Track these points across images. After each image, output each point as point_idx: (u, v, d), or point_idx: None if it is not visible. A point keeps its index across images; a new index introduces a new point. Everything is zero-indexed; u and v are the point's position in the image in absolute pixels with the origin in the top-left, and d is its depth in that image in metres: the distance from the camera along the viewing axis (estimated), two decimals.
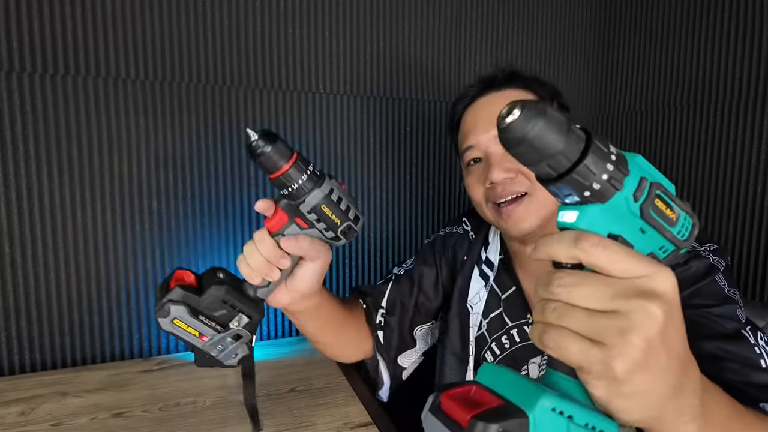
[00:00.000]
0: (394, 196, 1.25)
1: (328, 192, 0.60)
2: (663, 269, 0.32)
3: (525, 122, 0.30)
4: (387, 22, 1.20)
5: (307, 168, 0.59)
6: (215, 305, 0.61)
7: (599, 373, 0.31)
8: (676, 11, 1.21)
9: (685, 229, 0.34)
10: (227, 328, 0.62)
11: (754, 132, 1.06)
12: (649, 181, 0.33)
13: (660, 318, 0.30)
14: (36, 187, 0.95)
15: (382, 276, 1.26)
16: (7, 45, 0.91)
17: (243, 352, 0.65)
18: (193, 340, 0.61)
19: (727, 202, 1.11)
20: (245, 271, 0.62)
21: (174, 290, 0.60)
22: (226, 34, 1.06)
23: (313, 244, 0.63)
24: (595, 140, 0.32)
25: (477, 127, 0.77)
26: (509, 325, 0.80)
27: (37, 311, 0.97)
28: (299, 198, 0.60)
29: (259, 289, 0.64)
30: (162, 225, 1.05)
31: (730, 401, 0.42)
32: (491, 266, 0.84)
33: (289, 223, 0.62)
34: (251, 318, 0.63)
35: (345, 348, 0.87)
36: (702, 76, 1.16)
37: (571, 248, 0.32)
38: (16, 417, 0.78)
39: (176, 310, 0.59)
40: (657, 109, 1.27)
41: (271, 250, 0.61)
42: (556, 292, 0.32)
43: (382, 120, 1.22)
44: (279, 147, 0.57)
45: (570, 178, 0.32)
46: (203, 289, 0.62)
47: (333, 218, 0.61)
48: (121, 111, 1.00)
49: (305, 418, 0.78)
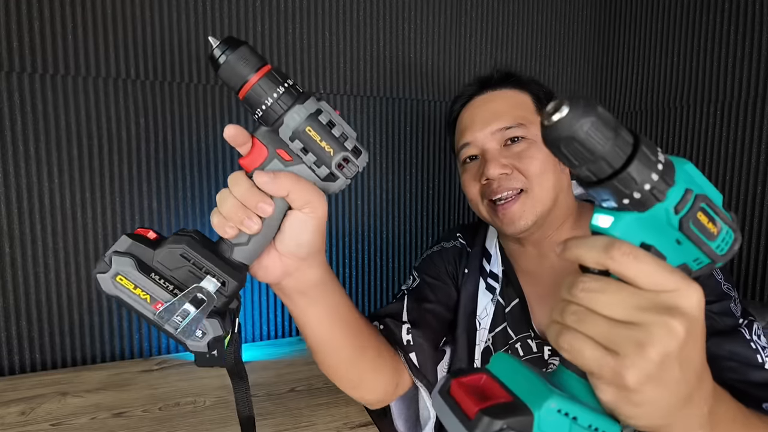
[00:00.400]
0: (394, 196, 1.25)
1: (314, 111, 0.47)
2: (691, 285, 0.31)
3: (573, 120, 0.28)
4: (387, 22, 1.20)
5: (285, 81, 0.46)
6: (173, 261, 0.46)
7: (610, 380, 0.31)
8: (676, 11, 1.21)
9: (725, 243, 0.33)
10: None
11: (754, 132, 1.06)
12: (695, 193, 0.31)
13: (681, 335, 0.30)
14: (36, 187, 0.95)
15: (382, 276, 1.26)
16: (7, 45, 0.91)
17: (215, 331, 0.47)
18: (142, 307, 0.46)
19: (727, 202, 1.11)
20: (215, 221, 0.48)
21: (121, 239, 0.46)
22: (226, 34, 1.06)
23: (298, 181, 0.47)
24: (643, 146, 0.30)
25: (473, 124, 0.78)
26: (513, 339, 0.78)
27: (37, 311, 0.97)
28: (275, 120, 0.47)
29: (236, 247, 0.49)
30: (162, 225, 1.05)
31: (737, 406, 0.42)
32: (496, 278, 0.82)
33: (270, 158, 0.48)
34: (225, 283, 0.47)
35: (364, 371, 0.68)
36: (702, 76, 1.16)
37: (601, 255, 0.32)
38: (16, 417, 0.78)
39: (120, 262, 0.44)
40: (657, 109, 1.27)
41: (246, 191, 0.47)
42: (579, 296, 0.32)
43: (382, 120, 1.22)
44: (243, 53, 0.45)
45: (610, 184, 0.30)
46: (162, 243, 0.48)
47: (324, 146, 0.47)
48: (121, 111, 1.00)
49: (305, 418, 0.78)
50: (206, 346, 0.47)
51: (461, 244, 0.88)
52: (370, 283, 1.25)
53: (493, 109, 0.77)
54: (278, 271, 0.53)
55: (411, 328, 0.76)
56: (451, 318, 0.83)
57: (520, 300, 0.80)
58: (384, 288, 1.27)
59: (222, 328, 0.47)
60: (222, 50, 0.45)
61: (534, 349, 0.76)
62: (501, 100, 0.78)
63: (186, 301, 0.45)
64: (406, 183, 1.26)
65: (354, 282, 1.24)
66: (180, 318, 0.45)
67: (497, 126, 0.75)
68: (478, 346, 0.80)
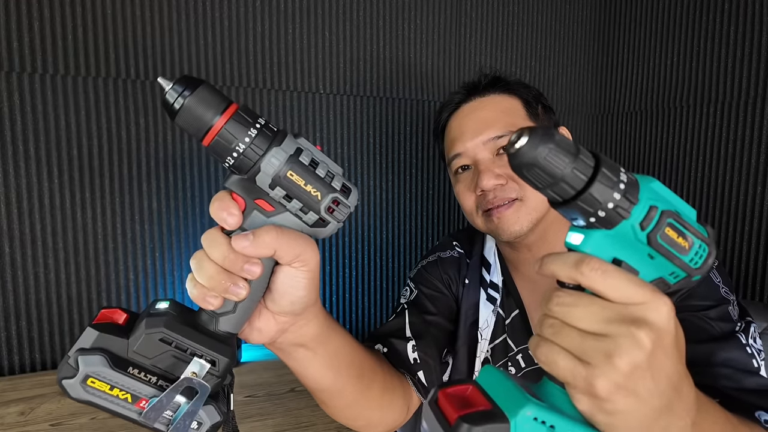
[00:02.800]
0: (394, 196, 1.25)
1: (293, 152, 0.40)
2: (659, 298, 0.32)
3: (533, 148, 0.31)
4: (387, 22, 1.20)
5: (256, 122, 0.40)
6: (153, 348, 0.40)
7: (582, 390, 0.32)
8: (675, 11, 1.21)
9: (698, 257, 0.34)
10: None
11: (753, 132, 1.06)
12: (660, 210, 0.32)
13: (647, 346, 0.31)
14: (36, 187, 0.95)
15: (382, 277, 1.26)
16: (7, 45, 0.91)
17: (211, 419, 0.41)
18: (124, 408, 0.39)
19: (727, 202, 1.11)
20: (195, 293, 0.41)
21: (86, 332, 0.39)
22: (226, 34, 1.06)
23: (282, 235, 0.41)
24: (604, 168, 0.32)
25: (464, 134, 0.76)
26: (514, 350, 0.77)
27: (37, 311, 0.97)
28: (251, 168, 0.40)
29: (221, 317, 0.42)
30: (162, 225, 1.05)
31: (725, 417, 0.42)
32: (496, 288, 0.81)
33: (249, 210, 0.42)
34: (215, 362, 0.41)
35: (371, 408, 0.64)
36: (702, 76, 1.16)
37: (572, 270, 0.33)
38: (16, 417, 0.78)
39: (89, 362, 0.38)
40: (657, 109, 1.27)
41: (227, 254, 0.41)
42: (554, 309, 0.34)
43: (382, 120, 1.22)
44: (203, 94, 0.38)
45: (574, 204, 0.32)
46: (134, 328, 0.41)
47: (309, 190, 0.41)
48: (121, 111, 1.00)
49: (305, 418, 0.78)
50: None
51: (459, 253, 0.86)
52: (370, 284, 1.25)
53: (483, 118, 0.75)
54: (273, 331, 0.48)
55: (416, 345, 0.73)
56: (452, 329, 0.82)
57: (520, 311, 0.79)
58: (383, 288, 1.27)
59: (219, 413, 0.42)
60: (177, 92, 0.38)
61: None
62: (490, 107, 0.76)
63: (176, 393, 0.40)
64: (406, 183, 1.26)
65: (353, 282, 1.24)
66: (171, 412, 0.40)
67: (488, 135, 0.74)
68: (478, 358, 0.78)
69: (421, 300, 0.81)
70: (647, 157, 1.30)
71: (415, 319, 0.78)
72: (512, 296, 0.80)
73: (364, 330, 1.25)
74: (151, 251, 1.04)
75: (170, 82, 0.38)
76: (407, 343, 0.74)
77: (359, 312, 1.25)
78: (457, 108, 0.79)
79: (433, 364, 0.74)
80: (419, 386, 0.71)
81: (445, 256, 0.86)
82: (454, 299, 0.83)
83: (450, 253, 0.86)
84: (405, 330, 0.76)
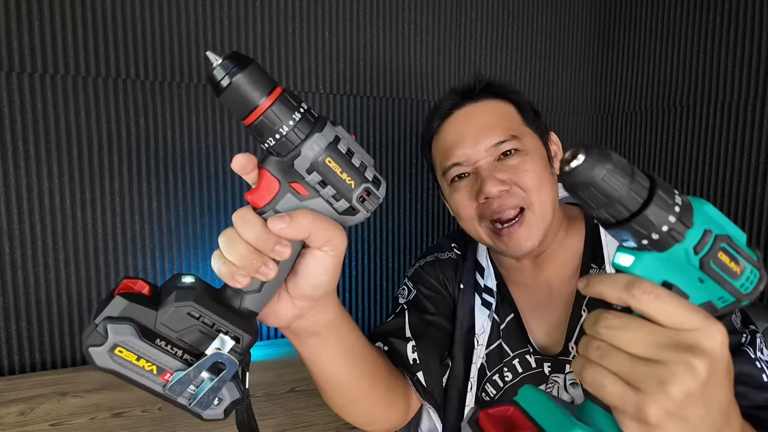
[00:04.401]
0: (393, 196, 1.25)
1: (332, 140, 0.41)
2: (713, 325, 0.32)
3: (590, 167, 0.30)
4: (387, 22, 1.20)
5: (299, 106, 0.40)
6: (180, 322, 0.40)
7: (632, 415, 0.32)
8: (675, 11, 1.21)
9: (749, 282, 0.33)
10: (202, 357, 0.40)
11: (753, 132, 1.06)
12: (714, 234, 0.32)
13: (702, 374, 0.31)
14: (36, 187, 0.95)
15: (382, 276, 1.26)
16: (7, 45, 0.91)
17: (231, 395, 0.42)
18: (148, 380, 0.39)
19: (726, 202, 1.11)
20: (224, 271, 0.41)
21: (115, 300, 0.39)
22: (226, 34, 1.06)
23: (317, 219, 0.42)
24: (659, 190, 0.31)
25: (463, 141, 0.73)
26: (510, 355, 0.76)
27: (37, 311, 0.97)
28: (291, 151, 0.40)
29: (246, 295, 0.43)
30: (162, 225, 1.05)
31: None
32: (491, 293, 0.79)
33: (282, 193, 0.42)
34: (239, 339, 0.42)
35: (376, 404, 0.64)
36: (702, 76, 1.16)
37: (622, 293, 0.32)
38: (15, 417, 0.78)
39: (119, 330, 0.38)
40: (657, 109, 1.27)
41: (261, 233, 0.41)
42: (601, 332, 0.33)
43: (382, 120, 1.22)
44: (253, 73, 0.38)
45: (628, 226, 0.31)
46: (162, 300, 0.41)
47: (344, 178, 0.42)
48: (121, 111, 1.00)
49: (305, 418, 0.78)
50: (223, 413, 0.42)
51: (457, 255, 0.84)
52: (370, 283, 1.25)
53: (482, 123, 0.72)
54: (290, 315, 0.48)
55: (416, 345, 0.73)
56: (452, 329, 0.80)
57: (515, 315, 0.78)
58: (384, 288, 1.27)
59: (239, 390, 0.42)
60: (226, 70, 0.38)
61: (533, 365, 0.74)
62: (488, 113, 0.74)
63: (204, 368, 0.40)
64: (406, 183, 1.26)
65: (353, 282, 1.24)
66: (194, 387, 0.40)
67: (491, 141, 0.71)
68: (474, 363, 0.77)
69: (420, 300, 0.80)
70: (647, 157, 1.30)
71: (415, 319, 0.77)
72: (506, 300, 0.79)
73: (364, 330, 1.25)
74: (151, 251, 1.04)
75: (219, 58, 0.38)
76: (407, 343, 0.73)
77: (359, 312, 1.25)
78: (450, 114, 0.76)
79: (433, 365, 0.73)
80: (419, 387, 0.71)
81: (443, 257, 0.85)
82: (452, 300, 0.82)
83: (448, 255, 0.85)
84: (405, 330, 0.75)
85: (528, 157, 0.71)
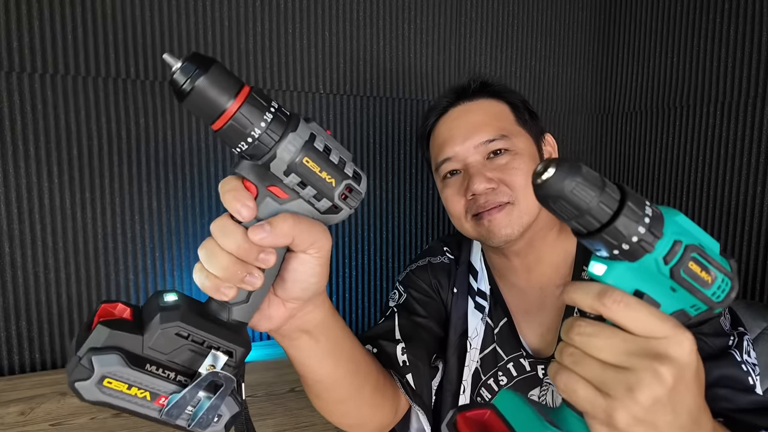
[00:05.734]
0: (393, 196, 1.25)
1: (308, 138, 0.39)
2: (681, 334, 0.32)
3: (560, 180, 0.31)
4: (387, 22, 1.20)
5: (270, 105, 0.38)
6: (169, 343, 0.38)
7: (602, 421, 0.33)
8: (675, 11, 1.21)
9: (721, 291, 0.34)
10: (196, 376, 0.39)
11: (753, 132, 1.06)
12: (684, 244, 0.33)
13: (668, 381, 0.31)
14: (36, 187, 0.95)
15: (382, 276, 1.26)
16: (7, 45, 0.91)
17: (230, 410, 0.41)
18: (143, 407, 0.38)
19: (726, 202, 1.11)
20: (208, 284, 0.40)
21: (96, 330, 0.36)
22: (226, 34, 1.06)
23: (299, 223, 0.41)
24: (629, 201, 0.32)
25: (454, 138, 0.75)
26: (504, 359, 0.77)
27: (37, 311, 0.97)
28: (266, 154, 0.38)
29: (233, 307, 0.41)
30: (162, 225, 1.05)
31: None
32: (484, 296, 0.80)
33: (261, 197, 0.40)
34: (231, 353, 0.40)
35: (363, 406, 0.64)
36: (702, 76, 1.16)
37: (594, 301, 0.33)
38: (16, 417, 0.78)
39: (104, 362, 0.35)
40: (657, 109, 1.27)
41: (242, 243, 0.39)
42: (575, 339, 0.34)
43: (382, 120, 1.22)
44: (217, 75, 0.35)
45: (599, 237, 0.32)
46: (145, 323, 0.39)
47: (324, 177, 0.40)
48: (121, 111, 1.00)
49: (305, 418, 0.78)
50: (224, 429, 0.41)
51: (449, 259, 0.85)
52: (370, 283, 1.25)
53: (474, 121, 0.74)
54: (282, 317, 0.48)
55: (405, 348, 0.73)
56: (442, 335, 0.81)
57: (508, 319, 0.78)
58: (383, 288, 1.27)
59: (237, 404, 0.41)
60: (188, 74, 0.35)
61: (527, 368, 0.75)
62: (480, 111, 0.75)
63: (200, 388, 0.38)
64: (406, 183, 1.26)
65: (353, 282, 1.24)
66: (192, 408, 0.39)
67: (480, 139, 0.73)
68: (467, 367, 0.78)
69: (410, 303, 0.81)
70: (647, 157, 1.30)
71: (405, 321, 0.77)
72: (499, 305, 0.80)
73: (363, 330, 1.25)
74: (151, 251, 1.04)
75: (179, 61, 0.35)
76: (396, 345, 0.73)
77: (359, 311, 1.25)
78: (445, 112, 0.78)
79: (422, 367, 0.74)
80: (407, 388, 0.71)
81: (435, 261, 0.85)
82: (444, 305, 0.83)
83: (441, 259, 0.85)
84: (394, 332, 0.75)
85: (517, 157, 0.72)
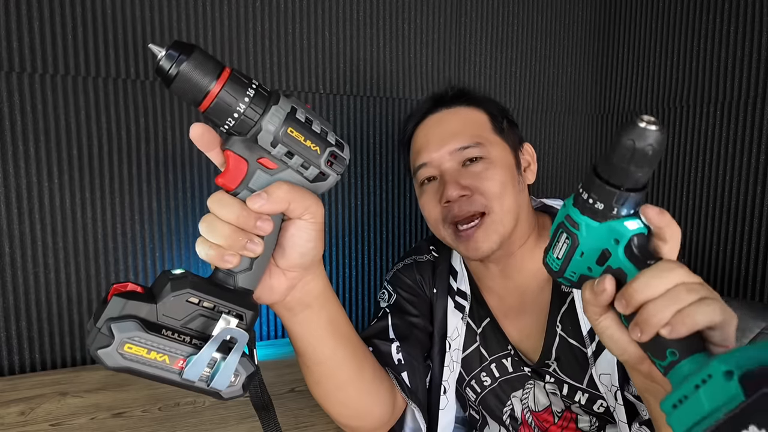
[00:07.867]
0: (393, 196, 1.25)
1: (290, 110, 0.42)
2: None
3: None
4: (387, 22, 1.20)
5: (251, 82, 0.41)
6: (181, 309, 0.41)
7: (712, 300, 0.37)
8: (675, 11, 1.21)
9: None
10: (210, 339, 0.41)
11: (753, 132, 1.06)
12: None
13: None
14: (36, 187, 0.95)
15: (381, 276, 1.26)
16: (7, 45, 0.91)
17: (246, 370, 0.43)
18: (163, 370, 0.40)
19: (726, 202, 1.11)
20: (212, 253, 0.42)
21: (112, 302, 0.39)
22: (226, 34, 1.06)
23: (293, 189, 0.44)
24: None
25: (429, 144, 0.75)
26: (488, 359, 0.77)
27: (37, 311, 0.97)
28: (252, 127, 0.42)
29: (238, 275, 0.44)
30: (162, 225, 1.05)
31: None
32: (464, 296, 0.80)
33: (252, 170, 0.43)
34: (242, 316, 0.43)
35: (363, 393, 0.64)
36: (702, 76, 1.16)
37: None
38: (15, 417, 0.78)
39: (123, 328, 0.38)
40: (657, 109, 1.27)
41: (240, 212, 0.42)
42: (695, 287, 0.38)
43: (382, 120, 1.22)
44: (198, 60, 0.39)
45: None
46: (157, 294, 0.42)
47: (309, 145, 0.43)
48: (121, 111, 1.00)
49: (305, 418, 0.79)
50: (242, 389, 0.43)
51: (434, 257, 0.86)
52: (369, 283, 1.25)
53: (449, 128, 0.75)
54: (284, 286, 0.50)
55: (400, 346, 0.74)
56: (431, 330, 0.82)
57: (491, 319, 0.78)
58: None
59: (252, 364, 0.44)
60: (172, 60, 0.38)
61: (510, 369, 0.75)
62: (456, 119, 0.76)
63: (216, 346, 0.41)
64: (406, 183, 1.26)
65: (353, 282, 1.24)
66: (209, 369, 0.41)
67: (454, 146, 0.73)
68: (447, 367, 0.78)
69: (401, 303, 0.81)
70: None
71: (398, 321, 0.78)
72: (481, 305, 0.80)
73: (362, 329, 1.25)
74: (151, 251, 1.04)
75: (163, 49, 0.39)
76: (391, 344, 0.74)
77: (358, 312, 1.25)
78: (423, 119, 0.78)
79: (417, 365, 0.74)
80: (403, 386, 0.71)
81: (421, 259, 0.86)
82: (429, 302, 0.83)
83: (426, 257, 0.86)
84: (388, 332, 0.76)
85: (491, 165, 0.72)
